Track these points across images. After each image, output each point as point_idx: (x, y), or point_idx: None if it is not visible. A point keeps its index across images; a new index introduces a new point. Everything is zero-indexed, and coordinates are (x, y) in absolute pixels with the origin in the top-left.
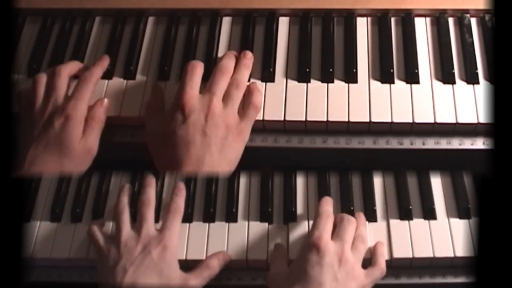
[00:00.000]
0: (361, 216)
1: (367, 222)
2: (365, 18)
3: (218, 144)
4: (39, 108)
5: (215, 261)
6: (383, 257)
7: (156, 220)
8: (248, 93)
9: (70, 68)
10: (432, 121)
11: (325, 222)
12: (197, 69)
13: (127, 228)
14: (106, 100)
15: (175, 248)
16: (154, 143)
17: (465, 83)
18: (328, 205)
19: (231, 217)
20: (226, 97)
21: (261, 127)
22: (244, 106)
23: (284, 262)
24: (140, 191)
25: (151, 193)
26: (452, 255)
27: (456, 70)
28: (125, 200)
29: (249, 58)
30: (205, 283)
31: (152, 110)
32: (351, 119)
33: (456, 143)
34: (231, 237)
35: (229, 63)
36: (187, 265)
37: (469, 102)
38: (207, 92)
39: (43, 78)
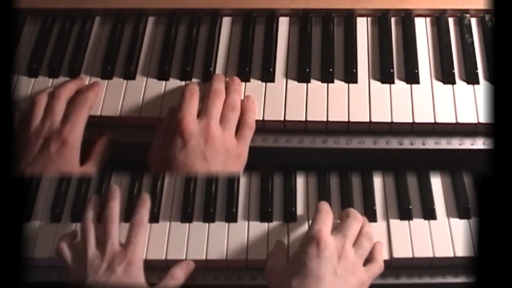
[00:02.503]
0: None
1: None
2: (365, 18)
3: (218, 169)
4: (35, 129)
5: (179, 270)
6: (381, 253)
7: (156, 219)
8: (242, 113)
9: (69, 90)
10: (432, 121)
11: (325, 217)
12: (195, 95)
13: (92, 247)
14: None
15: (140, 261)
16: (154, 166)
17: (465, 83)
18: (326, 205)
19: (231, 217)
20: (222, 120)
21: (261, 127)
22: (239, 127)
23: (283, 256)
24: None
25: (114, 207)
26: (452, 255)
27: (456, 70)
28: (90, 216)
29: (237, 84)
30: None
31: (160, 132)
32: (351, 119)
33: (456, 143)
34: (231, 237)
35: (221, 86)
36: None
37: (469, 102)
38: (205, 115)
39: (42, 100)
